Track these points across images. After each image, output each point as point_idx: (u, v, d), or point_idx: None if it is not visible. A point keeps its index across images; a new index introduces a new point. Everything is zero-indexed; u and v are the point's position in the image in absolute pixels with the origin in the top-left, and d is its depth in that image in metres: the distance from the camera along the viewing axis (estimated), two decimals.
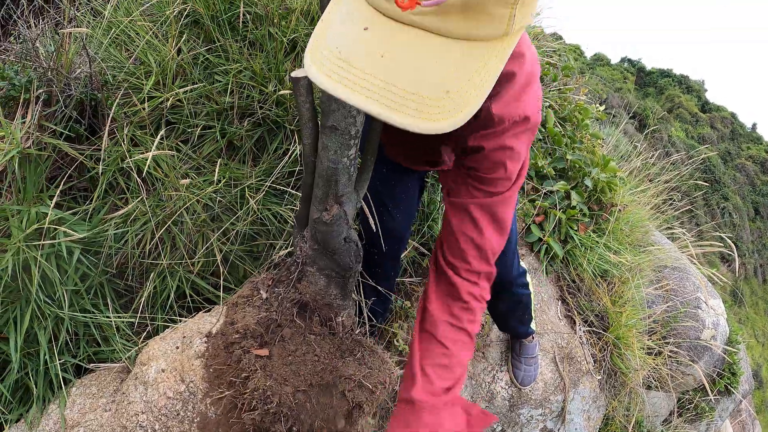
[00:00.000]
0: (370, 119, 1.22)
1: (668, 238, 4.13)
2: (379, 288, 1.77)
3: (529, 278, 1.92)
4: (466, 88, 0.65)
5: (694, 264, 3.62)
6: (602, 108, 3.97)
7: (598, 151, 3.08)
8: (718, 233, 3.67)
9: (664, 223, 3.98)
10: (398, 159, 1.51)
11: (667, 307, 3.62)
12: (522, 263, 1.90)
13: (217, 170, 1.79)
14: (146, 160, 1.82)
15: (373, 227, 1.55)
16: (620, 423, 2.88)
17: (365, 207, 1.48)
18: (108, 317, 1.85)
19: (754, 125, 40.37)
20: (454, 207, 1.15)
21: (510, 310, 1.94)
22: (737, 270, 3.75)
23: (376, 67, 0.64)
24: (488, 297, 1.21)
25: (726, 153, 32.85)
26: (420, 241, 2.12)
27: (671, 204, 4.04)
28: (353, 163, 1.19)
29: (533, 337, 2.15)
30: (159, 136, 1.75)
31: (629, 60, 41.10)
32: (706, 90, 39.27)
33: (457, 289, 1.15)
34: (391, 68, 0.63)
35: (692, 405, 4.23)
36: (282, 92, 1.89)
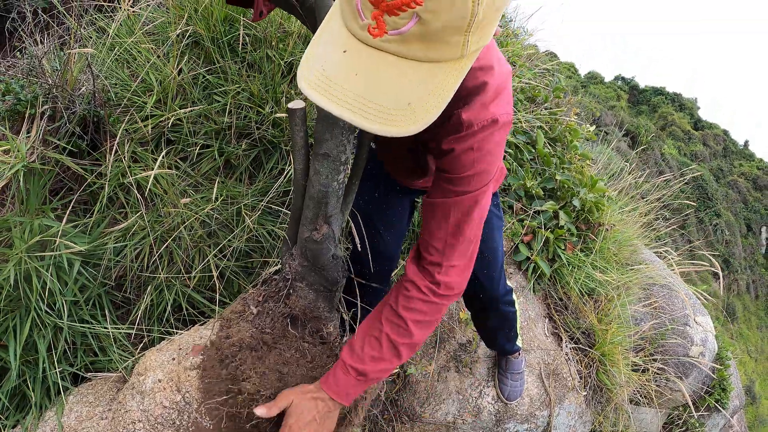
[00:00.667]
0: (356, 148, 1.31)
1: (657, 255, 4.20)
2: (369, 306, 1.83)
3: (515, 296, 1.99)
4: (426, 100, 0.78)
5: (683, 281, 3.68)
6: (593, 128, 4.05)
7: (587, 171, 3.16)
8: (707, 251, 3.74)
9: (654, 240, 4.05)
10: (397, 175, 1.61)
11: (655, 324, 3.67)
12: (509, 282, 1.97)
13: (215, 188, 1.85)
14: (147, 177, 1.88)
15: (359, 247, 1.63)
16: None
17: (354, 229, 1.56)
18: (106, 328, 1.89)
19: (746, 142, 40.72)
20: (429, 206, 1.23)
21: (496, 327, 2.00)
22: (722, 287, 3.82)
23: (351, 83, 0.79)
24: (449, 292, 1.24)
25: (718, 170, 33.13)
26: None
27: (661, 222, 4.11)
28: (341, 186, 1.28)
29: (519, 354, 2.21)
30: (161, 155, 1.80)
31: (623, 78, 41.51)
32: (698, 107, 39.67)
33: (405, 277, 1.25)
34: (363, 85, 0.78)
35: (681, 421, 4.25)
36: (278, 114, 1.96)
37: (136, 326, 1.90)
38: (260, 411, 1.26)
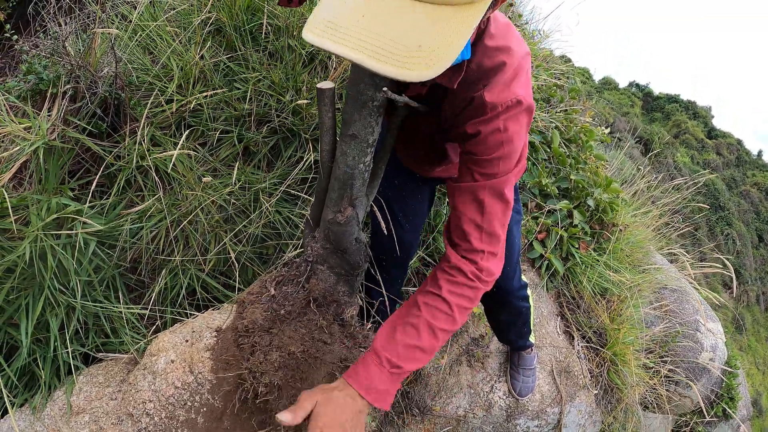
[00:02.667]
0: (384, 131, 1.30)
1: (668, 260, 4.17)
2: (386, 293, 1.83)
3: (529, 292, 1.97)
4: (438, 44, 0.74)
5: (694, 286, 3.65)
6: (608, 131, 4.03)
7: (602, 172, 3.14)
8: (719, 256, 3.70)
9: (666, 245, 4.02)
10: (411, 165, 1.60)
11: (665, 327, 3.64)
12: (523, 277, 1.95)
13: (234, 173, 1.86)
14: (166, 159, 1.89)
15: (385, 231, 1.61)
16: None
17: (378, 214, 1.55)
18: (118, 309, 1.89)
19: (760, 152, 40.35)
20: (457, 191, 1.21)
21: (510, 321, 2.00)
22: (735, 291, 3.77)
23: (358, 26, 0.76)
24: (489, 278, 1.21)
25: (731, 179, 32.86)
26: (425, 252, 2.19)
27: (673, 227, 4.08)
28: (368, 169, 1.27)
29: (532, 350, 2.20)
30: (182, 138, 1.81)
31: (637, 84, 41.29)
32: (713, 116, 39.36)
33: (450, 264, 1.20)
34: (371, 26, 0.75)
35: (688, 428, 4.21)
36: (299, 102, 1.96)
37: (149, 308, 1.90)
38: (285, 417, 1.06)
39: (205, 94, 1.97)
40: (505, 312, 1.94)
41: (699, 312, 4.21)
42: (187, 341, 1.66)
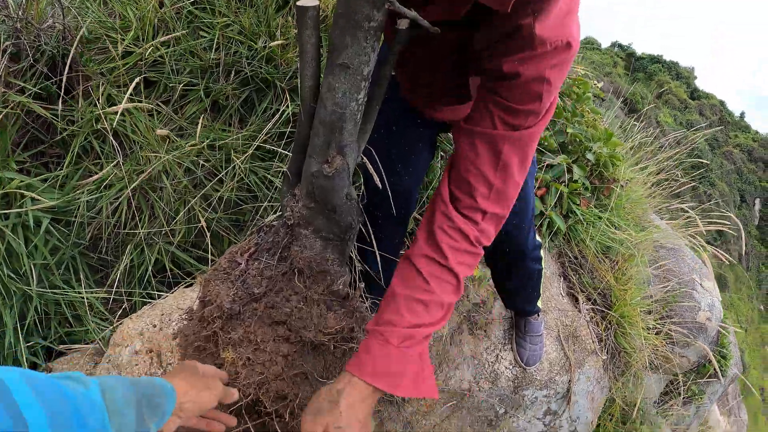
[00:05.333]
0: (379, 61, 1.07)
1: (662, 219, 4.07)
2: (383, 254, 1.61)
3: (543, 253, 1.78)
4: None
5: (700, 244, 3.55)
6: (600, 85, 3.86)
7: (600, 125, 2.96)
8: (724, 213, 3.61)
9: (661, 202, 3.90)
10: (418, 104, 1.36)
11: (664, 287, 3.56)
12: (537, 237, 1.76)
13: (198, 130, 1.63)
14: (125, 118, 1.67)
15: (379, 185, 1.39)
16: (620, 405, 2.79)
17: (368, 163, 1.33)
18: (81, 294, 1.70)
19: (743, 114, 40.61)
20: (470, 135, 1.01)
21: (520, 286, 1.81)
22: (743, 248, 3.67)
23: None
24: (487, 243, 1.06)
25: (714, 140, 33.05)
26: (419, 211, 1.99)
27: (668, 184, 3.98)
28: (360, 109, 1.04)
29: (539, 315, 2.02)
30: (131, 87, 1.58)
31: (619, 45, 41.04)
32: (695, 77, 39.40)
33: (452, 224, 1.03)
34: None
35: (685, 387, 4.20)
36: (273, 44, 1.74)
37: (114, 290, 1.70)
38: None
39: (163, 40, 1.73)
40: (516, 276, 1.75)
41: (695, 271, 4.16)
42: (155, 326, 1.46)
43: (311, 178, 1.10)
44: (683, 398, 4.13)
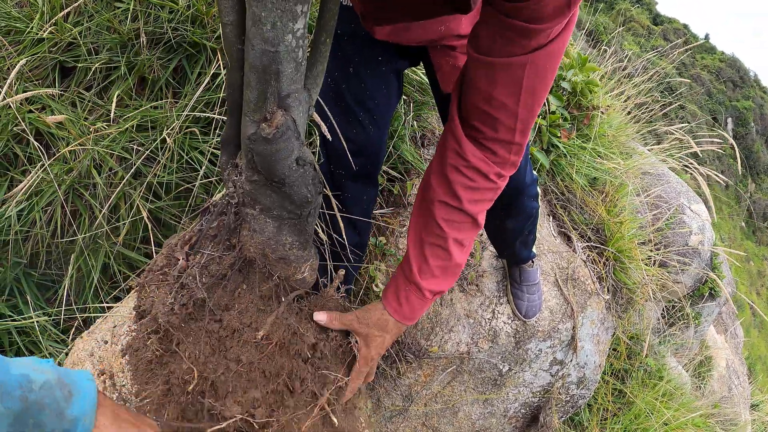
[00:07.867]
0: None
1: (645, 145, 3.98)
2: (351, 218, 1.41)
3: (539, 189, 1.61)
4: None
5: (694, 167, 3.47)
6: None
7: (572, 51, 2.78)
8: (719, 131, 3.53)
9: (644, 127, 3.78)
10: (379, 17, 0.99)
11: (655, 215, 3.48)
12: (534, 170, 1.60)
13: (113, 108, 1.41)
14: (46, 121, 1.45)
15: (329, 137, 1.19)
16: (624, 341, 2.71)
17: (315, 114, 1.13)
18: (30, 318, 1.52)
19: (707, 35, 40.50)
20: (487, 66, 0.88)
21: (517, 229, 1.62)
22: (739, 168, 3.59)
23: None
24: (513, 171, 1.04)
25: (681, 64, 32.98)
26: (388, 164, 1.80)
27: (648, 107, 3.86)
28: (302, 44, 0.81)
29: (533, 262, 1.86)
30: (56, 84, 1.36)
31: None
32: (656, 2, 39.04)
33: (467, 164, 0.99)
34: None
35: (682, 313, 4.21)
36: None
37: (64, 307, 1.52)
38: (320, 317, 1.11)
39: (65, 10, 1.50)
40: (513, 216, 1.54)
41: (683, 194, 4.10)
42: (106, 342, 1.28)
43: (249, 143, 0.88)
44: (680, 324, 4.13)
